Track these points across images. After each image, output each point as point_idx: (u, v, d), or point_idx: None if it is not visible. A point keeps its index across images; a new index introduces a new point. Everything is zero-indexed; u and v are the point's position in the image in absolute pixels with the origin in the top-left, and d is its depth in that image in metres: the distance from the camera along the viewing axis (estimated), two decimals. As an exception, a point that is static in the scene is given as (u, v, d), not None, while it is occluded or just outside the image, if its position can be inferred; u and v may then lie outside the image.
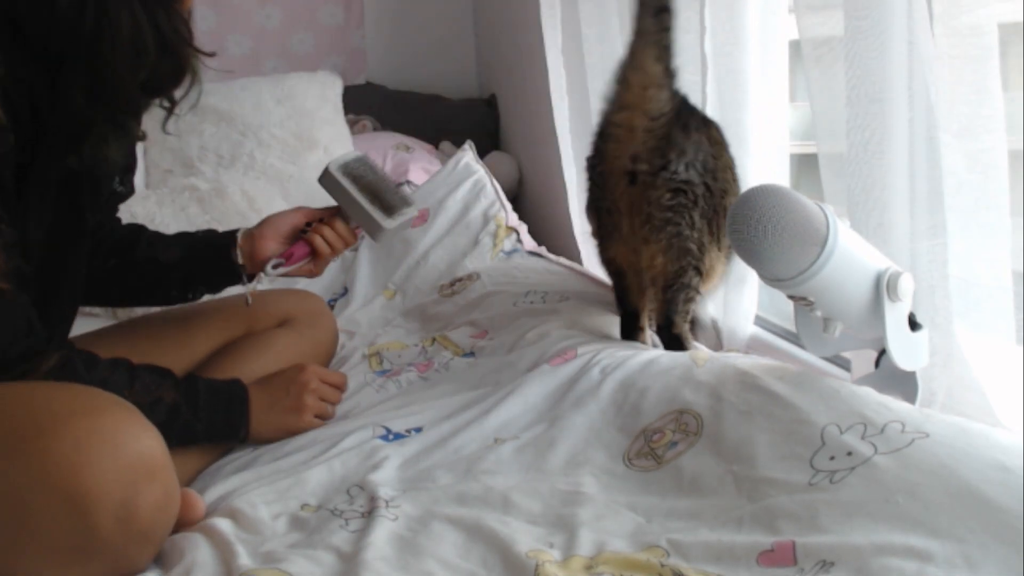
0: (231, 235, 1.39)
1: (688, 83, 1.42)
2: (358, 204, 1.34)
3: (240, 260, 1.36)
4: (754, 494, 0.96)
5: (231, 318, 1.45)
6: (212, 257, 1.38)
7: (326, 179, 1.35)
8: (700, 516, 0.96)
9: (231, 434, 1.24)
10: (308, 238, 1.37)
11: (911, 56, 1.05)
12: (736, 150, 1.41)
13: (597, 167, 1.34)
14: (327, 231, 1.37)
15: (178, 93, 1.13)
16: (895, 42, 1.06)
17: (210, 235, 1.43)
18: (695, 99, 1.41)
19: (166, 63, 1.08)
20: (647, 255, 1.32)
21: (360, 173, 1.36)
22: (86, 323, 1.41)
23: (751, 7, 1.41)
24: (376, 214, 1.34)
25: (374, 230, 1.35)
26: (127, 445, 0.90)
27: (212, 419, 1.19)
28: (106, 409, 0.93)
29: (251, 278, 1.38)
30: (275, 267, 1.35)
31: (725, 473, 1.00)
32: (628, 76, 1.26)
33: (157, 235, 1.43)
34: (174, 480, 0.96)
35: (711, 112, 1.47)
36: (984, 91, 0.99)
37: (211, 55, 1.13)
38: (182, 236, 1.45)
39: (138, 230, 1.42)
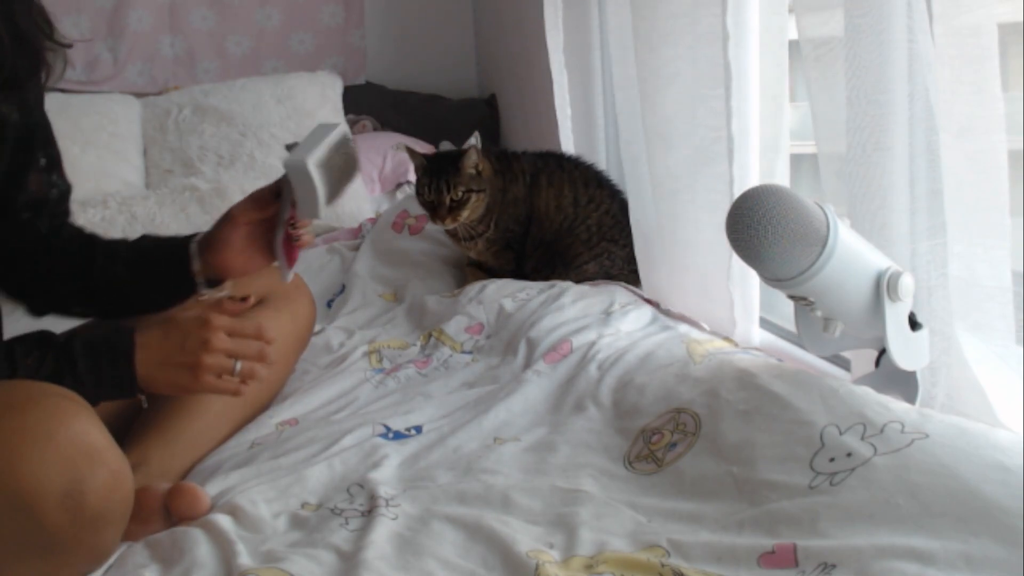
0: (184, 245, 1.22)
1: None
2: (317, 199, 1.13)
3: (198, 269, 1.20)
4: (755, 497, 0.96)
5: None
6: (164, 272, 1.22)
7: (297, 172, 1.12)
8: (701, 519, 0.96)
9: (120, 394, 1.09)
10: (296, 244, 1.21)
11: (911, 56, 1.05)
12: (737, 149, 1.41)
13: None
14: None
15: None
16: (895, 42, 1.06)
17: (162, 246, 1.26)
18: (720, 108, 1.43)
19: (22, 57, 1.04)
20: None
21: (333, 164, 1.16)
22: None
23: (752, 7, 1.41)
24: (324, 207, 1.15)
25: (309, 214, 1.17)
26: (59, 434, 0.89)
27: (98, 380, 1.06)
28: (36, 401, 0.91)
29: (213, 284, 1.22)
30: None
31: (725, 475, 1.00)
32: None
33: (110, 248, 1.27)
34: (120, 460, 0.94)
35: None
36: (984, 91, 0.98)
37: (69, 46, 1.08)
38: (134, 247, 1.28)
39: (90, 244, 1.27)
